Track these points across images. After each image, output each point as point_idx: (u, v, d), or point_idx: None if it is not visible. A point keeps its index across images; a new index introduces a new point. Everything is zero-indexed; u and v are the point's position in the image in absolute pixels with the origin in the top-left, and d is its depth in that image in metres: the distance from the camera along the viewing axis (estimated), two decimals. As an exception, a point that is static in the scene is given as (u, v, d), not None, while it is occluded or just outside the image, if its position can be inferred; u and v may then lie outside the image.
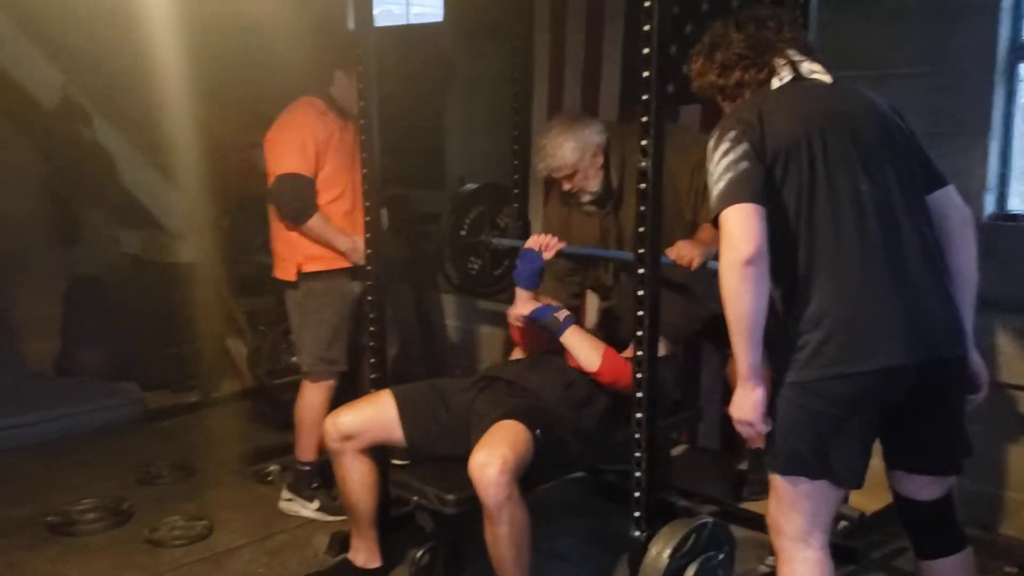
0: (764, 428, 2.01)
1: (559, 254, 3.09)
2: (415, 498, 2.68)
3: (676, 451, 3.85)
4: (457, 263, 3.53)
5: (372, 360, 3.15)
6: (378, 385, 3.10)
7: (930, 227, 2.04)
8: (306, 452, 3.58)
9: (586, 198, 3.07)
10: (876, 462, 2.10)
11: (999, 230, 3.17)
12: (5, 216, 4.92)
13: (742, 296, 1.90)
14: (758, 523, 3.16)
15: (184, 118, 4.82)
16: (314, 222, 3.38)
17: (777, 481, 2.05)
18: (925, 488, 2.13)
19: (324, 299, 3.51)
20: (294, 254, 3.48)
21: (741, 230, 1.90)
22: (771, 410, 2.02)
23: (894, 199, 1.99)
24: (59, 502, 3.62)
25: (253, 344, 4.73)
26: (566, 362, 2.89)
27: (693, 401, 3.70)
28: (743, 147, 1.96)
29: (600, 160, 3.03)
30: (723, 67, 2.15)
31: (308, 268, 3.48)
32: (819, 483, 2.00)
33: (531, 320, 2.97)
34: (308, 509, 3.55)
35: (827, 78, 2.09)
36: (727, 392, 3.66)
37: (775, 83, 2.08)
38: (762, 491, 2.60)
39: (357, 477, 2.82)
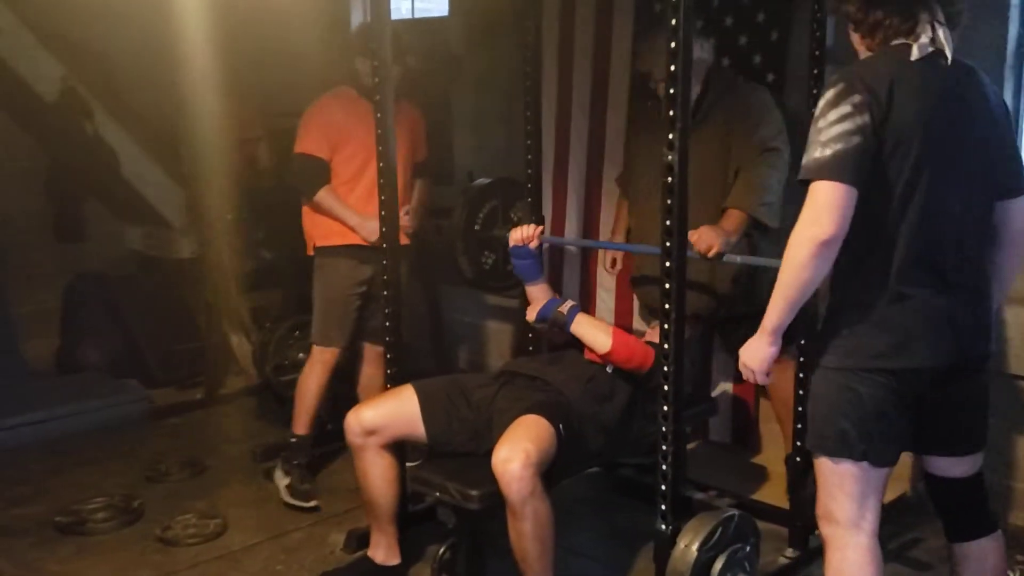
0: (764, 380, 2.16)
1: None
2: (437, 494, 2.66)
3: (690, 445, 3.85)
4: (471, 257, 3.53)
5: (388, 355, 3.14)
6: (394, 379, 3.09)
7: (988, 233, 2.08)
8: (298, 424, 3.76)
9: None
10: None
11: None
12: (5, 212, 4.88)
13: (805, 270, 1.92)
14: (775, 516, 3.19)
15: (188, 111, 4.79)
16: (321, 196, 3.59)
17: (824, 465, 2.07)
18: (957, 465, 2.18)
19: (331, 275, 3.70)
20: (312, 230, 3.72)
21: (830, 210, 1.88)
22: (810, 392, 2.11)
23: (965, 201, 2.00)
24: (68, 501, 3.60)
25: (259, 340, 4.70)
26: (584, 356, 2.89)
27: (705, 394, 3.71)
28: (863, 119, 1.90)
29: (702, 76, 3.11)
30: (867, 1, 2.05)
31: (321, 243, 3.70)
32: (862, 464, 2.02)
33: (540, 320, 2.99)
34: (281, 483, 3.66)
35: (950, 53, 2.00)
36: (744, 388, 3.70)
37: (915, 52, 1.96)
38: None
39: (379, 472, 2.81)
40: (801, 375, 2.91)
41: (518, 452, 2.45)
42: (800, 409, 2.93)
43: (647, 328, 3.49)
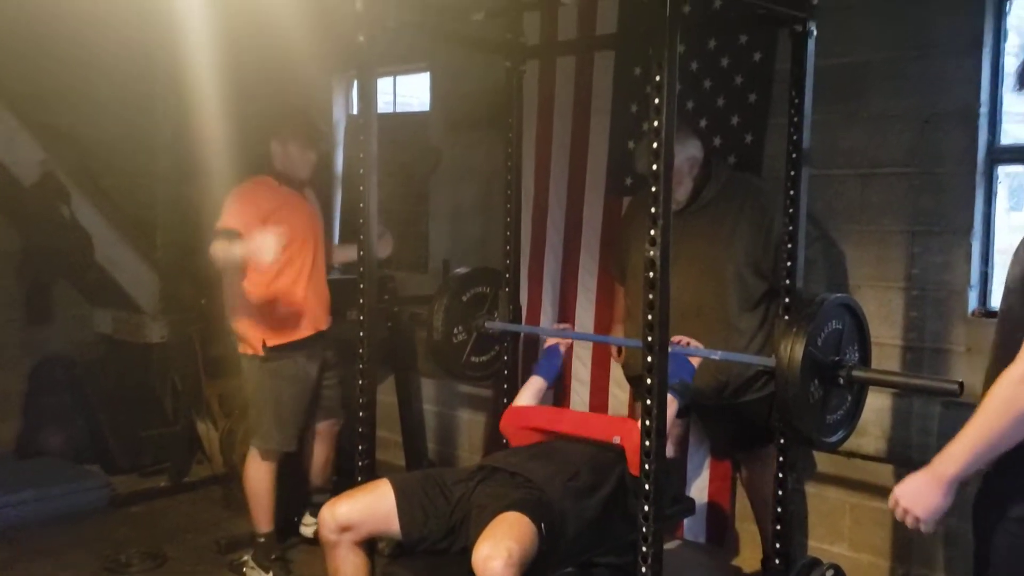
0: (927, 529, 1.86)
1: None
2: (410, 593, 2.59)
3: (669, 545, 3.80)
4: (448, 345, 3.50)
5: (360, 447, 3.10)
6: (366, 471, 3.04)
7: None
8: (261, 523, 3.73)
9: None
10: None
11: (984, 326, 3.23)
12: (-27, 292, 4.83)
13: (1011, 412, 1.74)
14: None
15: (164, 196, 4.80)
16: (213, 247, 3.50)
17: None
18: None
19: (287, 373, 3.69)
20: (254, 329, 3.65)
21: None
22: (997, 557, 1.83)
23: None
24: (22, 593, 3.48)
25: (225, 428, 4.63)
26: (572, 451, 2.87)
27: (682, 493, 3.67)
28: None
29: (694, 172, 3.18)
30: None
31: (274, 342, 3.65)
32: None
33: None
34: None
35: None
36: (721, 488, 3.67)
37: None
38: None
39: (351, 571, 2.72)
40: (780, 475, 2.89)
41: (500, 550, 2.38)
42: (779, 510, 2.91)
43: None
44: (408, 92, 5.27)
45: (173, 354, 4.95)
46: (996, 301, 3.27)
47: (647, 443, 2.36)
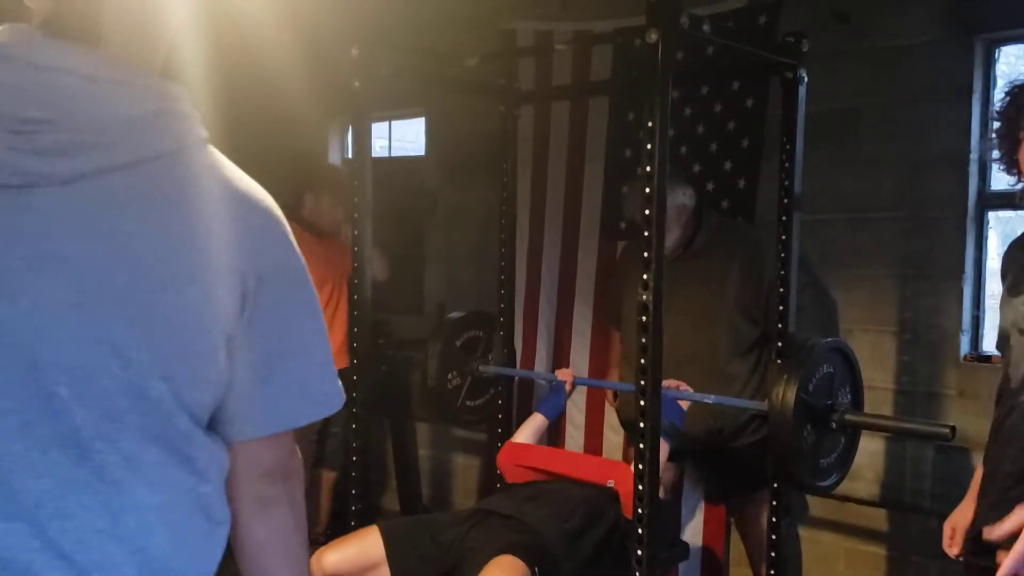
0: None
1: None
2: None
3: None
4: (443, 389, 3.49)
5: (354, 491, 3.08)
6: (359, 516, 3.02)
7: None
8: None
9: None
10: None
11: (976, 370, 3.24)
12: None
13: None
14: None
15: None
16: None
17: None
18: None
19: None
20: None
21: None
22: None
23: None
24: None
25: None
26: (567, 493, 2.86)
27: (676, 536, 3.64)
28: None
29: (683, 220, 3.20)
30: None
31: None
32: None
33: None
34: None
35: None
36: (715, 532, 3.64)
37: None
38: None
39: (340, 620, 2.70)
40: (774, 519, 2.88)
41: None
42: (773, 554, 2.89)
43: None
44: (404, 136, 5.32)
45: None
46: (987, 346, 3.29)
47: (640, 487, 2.36)
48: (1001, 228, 3.42)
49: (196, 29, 1.21)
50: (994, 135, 2.01)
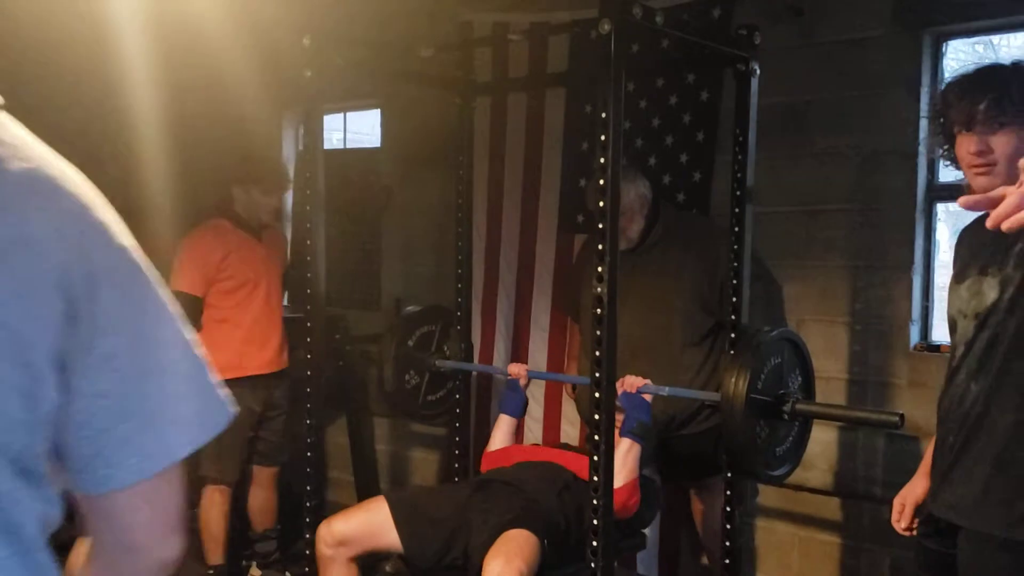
0: None
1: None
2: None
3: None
4: (399, 383, 3.48)
5: (308, 487, 3.06)
6: (313, 513, 3.03)
7: None
8: (212, 556, 3.73)
9: (622, 243, 3.14)
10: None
11: (925, 360, 3.29)
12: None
13: None
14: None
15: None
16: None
17: None
18: None
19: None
20: None
21: None
22: None
23: None
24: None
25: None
26: (557, 468, 2.95)
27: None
28: None
29: (645, 210, 3.23)
30: None
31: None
32: None
33: None
34: None
35: None
36: (672, 520, 3.67)
37: None
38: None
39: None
40: (728, 509, 2.90)
41: (512, 570, 2.48)
42: (728, 543, 2.92)
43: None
44: (359, 128, 5.27)
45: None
46: (937, 336, 3.34)
47: (595, 478, 2.36)
48: (952, 221, 3.47)
49: (140, 18, 1.17)
50: (933, 130, 2.06)
